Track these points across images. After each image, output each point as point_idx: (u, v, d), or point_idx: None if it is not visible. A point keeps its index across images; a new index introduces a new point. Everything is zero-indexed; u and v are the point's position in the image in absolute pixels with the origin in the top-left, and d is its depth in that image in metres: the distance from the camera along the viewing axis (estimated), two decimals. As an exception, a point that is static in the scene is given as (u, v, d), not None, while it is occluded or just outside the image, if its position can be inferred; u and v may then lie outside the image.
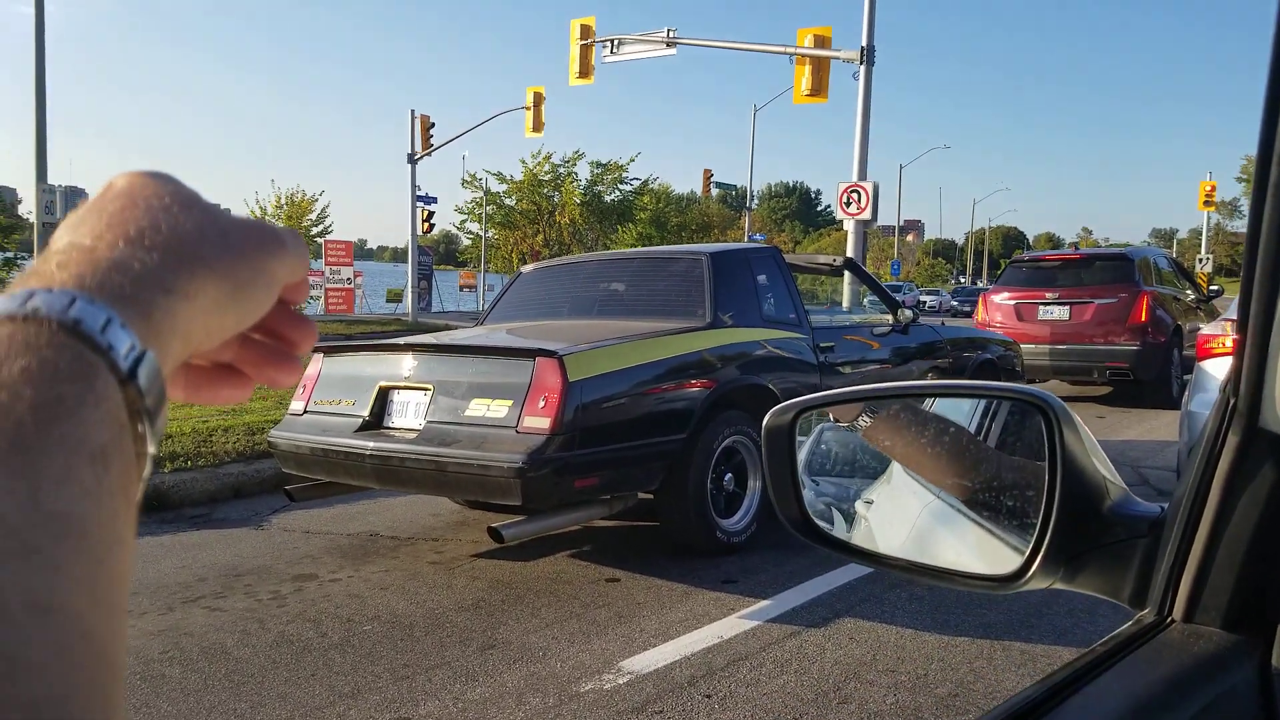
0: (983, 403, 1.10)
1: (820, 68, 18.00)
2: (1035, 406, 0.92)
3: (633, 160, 40.91)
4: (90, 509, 0.33)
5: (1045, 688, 0.76)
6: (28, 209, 28.87)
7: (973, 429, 1.10)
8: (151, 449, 0.39)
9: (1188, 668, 0.77)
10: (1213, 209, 44.58)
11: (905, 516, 1.11)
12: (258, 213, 35.62)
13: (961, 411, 1.13)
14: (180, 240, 0.42)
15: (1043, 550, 0.87)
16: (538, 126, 24.92)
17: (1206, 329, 6.58)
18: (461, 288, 45.04)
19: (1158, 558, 0.84)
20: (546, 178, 39.87)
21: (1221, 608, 0.81)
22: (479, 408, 4.91)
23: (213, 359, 0.49)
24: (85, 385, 0.35)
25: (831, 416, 1.22)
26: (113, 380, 0.36)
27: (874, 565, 1.05)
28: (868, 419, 1.17)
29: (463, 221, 42.17)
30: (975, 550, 1.01)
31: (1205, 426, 0.82)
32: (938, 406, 1.14)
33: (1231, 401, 0.78)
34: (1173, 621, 0.83)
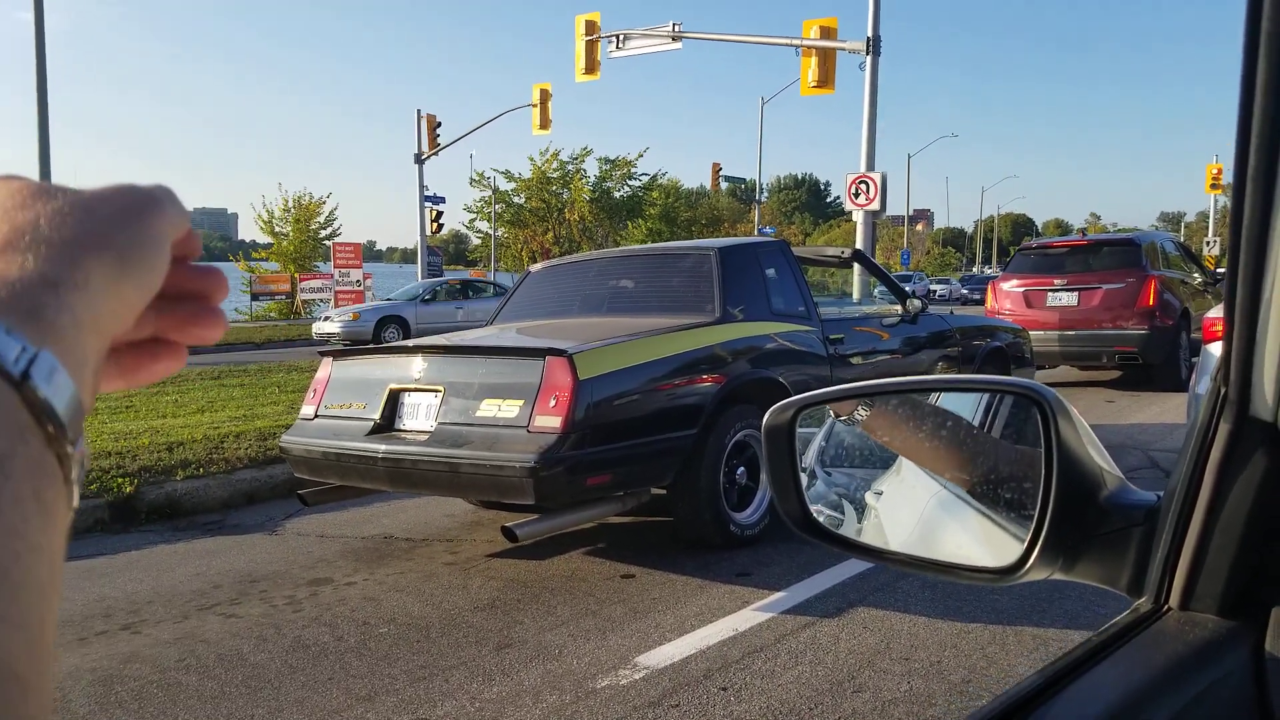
0: (985, 397, 1.11)
1: (827, 59, 17.97)
2: (1029, 399, 0.92)
3: (641, 156, 40.83)
4: None
5: (1043, 678, 0.76)
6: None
7: (976, 423, 1.11)
8: (73, 450, 0.37)
9: (1183, 655, 0.77)
10: (1220, 192, 44.38)
11: (913, 507, 1.11)
12: (265, 216, 35.62)
13: (966, 405, 1.13)
14: (50, 231, 0.40)
15: (1040, 542, 0.88)
16: (545, 124, 24.93)
17: (1213, 311, 6.56)
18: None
19: (1153, 546, 0.84)
20: (555, 175, 39.88)
21: (1216, 595, 0.81)
22: (490, 408, 4.92)
23: (134, 337, 0.47)
24: None
25: (833, 412, 1.23)
26: (4, 385, 0.35)
27: (875, 561, 1.06)
28: (864, 412, 1.17)
29: (471, 220, 42.26)
30: (980, 540, 1.01)
31: (1197, 415, 0.83)
32: (942, 401, 1.15)
33: (1222, 390, 0.79)
34: (1169, 609, 0.84)
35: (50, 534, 0.35)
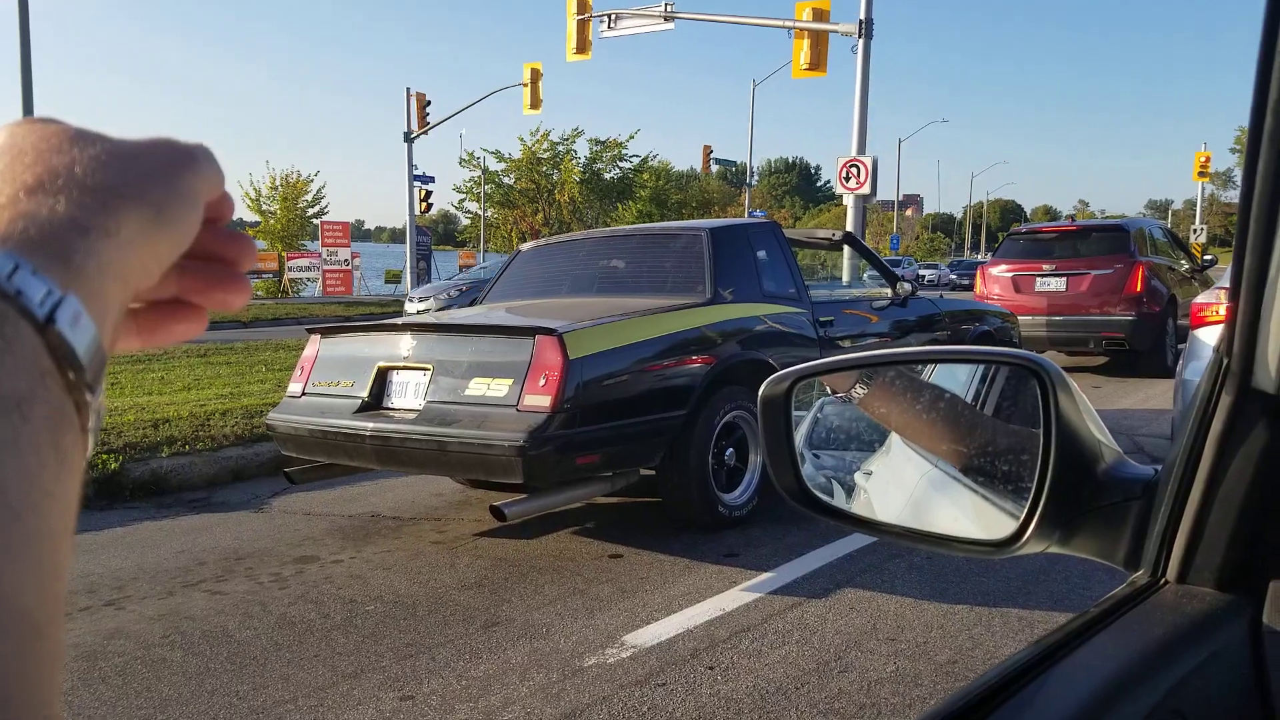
0: (980, 369, 1.10)
1: (819, 41, 17.90)
2: (1030, 371, 0.91)
3: (632, 137, 40.72)
4: (5, 461, 0.32)
5: (1039, 650, 0.76)
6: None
7: (970, 395, 1.10)
8: (92, 398, 0.37)
9: (1180, 628, 0.77)
10: (1207, 180, 44.72)
11: (903, 486, 1.11)
12: (253, 195, 35.46)
13: (959, 378, 1.12)
14: (85, 176, 0.40)
15: (1038, 514, 0.87)
16: (535, 104, 24.82)
17: (1200, 298, 6.58)
18: (461, 268, 44.92)
19: (1151, 519, 0.84)
20: (545, 156, 39.72)
21: (1214, 568, 0.81)
22: (479, 387, 4.91)
23: (156, 296, 0.47)
24: None
25: (828, 388, 1.22)
26: (28, 327, 0.34)
27: (872, 533, 1.05)
28: (863, 389, 1.17)
29: (461, 201, 42.08)
30: (972, 516, 1.00)
31: (1198, 388, 0.82)
32: (936, 374, 1.14)
33: (1225, 362, 0.78)
34: (1166, 582, 0.83)
35: (66, 482, 0.35)
